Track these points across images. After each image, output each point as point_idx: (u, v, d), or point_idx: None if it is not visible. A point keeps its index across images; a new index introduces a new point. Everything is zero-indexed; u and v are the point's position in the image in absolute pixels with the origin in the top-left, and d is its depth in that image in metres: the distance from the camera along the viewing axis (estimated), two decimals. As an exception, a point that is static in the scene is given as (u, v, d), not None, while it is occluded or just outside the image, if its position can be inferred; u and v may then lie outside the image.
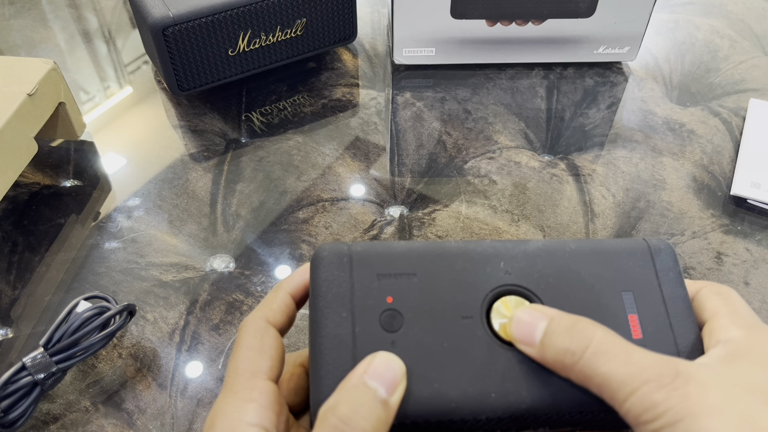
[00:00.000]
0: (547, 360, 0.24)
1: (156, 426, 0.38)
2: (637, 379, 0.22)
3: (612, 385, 0.22)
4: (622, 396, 0.22)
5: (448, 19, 0.60)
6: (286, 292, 0.28)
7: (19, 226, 0.50)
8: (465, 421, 0.24)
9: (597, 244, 0.28)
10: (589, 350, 0.23)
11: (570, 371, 0.23)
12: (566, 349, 0.23)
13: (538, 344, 0.24)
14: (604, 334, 0.23)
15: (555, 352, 0.24)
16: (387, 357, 0.24)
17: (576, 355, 0.23)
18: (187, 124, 0.59)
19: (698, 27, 0.72)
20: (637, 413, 0.22)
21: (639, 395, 0.22)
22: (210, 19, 0.54)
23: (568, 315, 0.25)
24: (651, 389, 0.21)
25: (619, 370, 0.22)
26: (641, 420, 0.22)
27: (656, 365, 0.22)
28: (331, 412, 0.22)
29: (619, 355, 0.23)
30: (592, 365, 0.23)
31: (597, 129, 0.59)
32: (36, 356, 0.37)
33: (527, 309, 0.25)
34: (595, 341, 0.23)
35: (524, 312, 0.25)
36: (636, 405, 0.22)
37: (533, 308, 0.25)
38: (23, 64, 0.50)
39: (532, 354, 0.25)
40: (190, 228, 0.50)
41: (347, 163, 0.55)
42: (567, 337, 0.24)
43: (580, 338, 0.23)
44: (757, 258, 0.48)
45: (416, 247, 0.27)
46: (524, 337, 0.25)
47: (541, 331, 0.24)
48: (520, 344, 0.25)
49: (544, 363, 0.24)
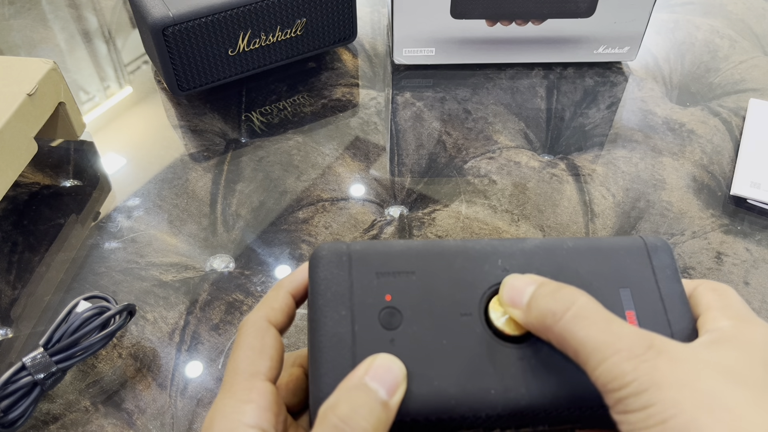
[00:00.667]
0: (531, 321, 0.24)
1: (156, 426, 0.38)
2: (611, 347, 0.22)
3: (586, 350, 0.22)
4: (594, 362, 0.22)
5: (448, 19, 0.60)
6: (287, 291, 0.28)
7: (19, 226, 0.50)
8: (464, 418, 0.25)
9: (594, 242, 0.28)
10: (570, 312, 0.23)
11: (549, 332, 0.24)
12: (548, 310, 0.24)
13: (525, 306, 0.25)
14: (587, 300, 0.24)
15: (538, 312, 0.24)
16: (388, 359, 0.24)
17: (557, 315, 0.23)
18: (187, 124, 0.59)
19: (698, 27, 0.72)
20: (606, 381, 0.22)
21: (609, 363, 0.22)
22: (210, 19, 0.54)
23: (557, 282, 0.25)
24: (621, 359, 0.22)
25: (596, 336, 0.23)
26: (608, 388, 0.22)
27: (631, 336, 0.22)
28: (331, 412, 0.22)
29: (598, 322, 0.23)
30: (570, 328, 0.23)
31: (597, 129, 0.59)
32: (36, 356, 0.37)
33: (519, 276, 0.26)
34: (577, 305, 0.23)
35: (515, 278, 0.26)
36: (605, 373, 0.22)
37: (526, 275, 0.26)
38: (23, 64, 0.50)
39: (519, 316, 0.25)
40: (190, 228, 0.50)
41: (347, 163, 0.55)
42: (551, 298, 0.24)
43: (563, 301, 0.24)
44: (757, 258, 0.48)
45: (415, 245, 0.28)
46: (513, 300, 0.25)
47: (529, 294, 0.25)
48: (508, 307, 0.25)
49: (528, 325, 0.25)
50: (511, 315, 0.26)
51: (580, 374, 0.25)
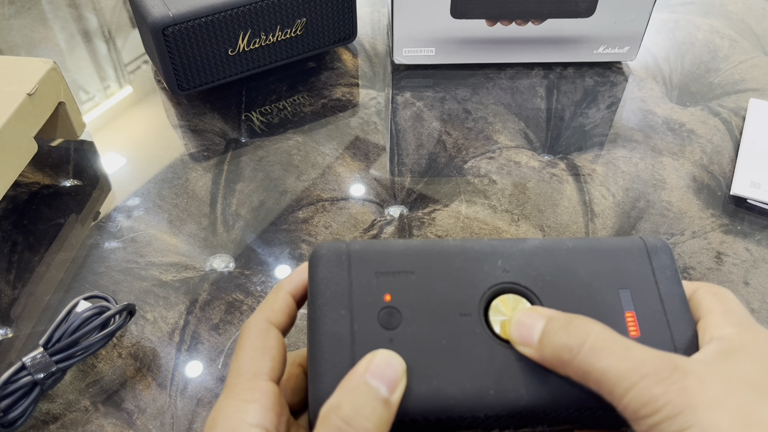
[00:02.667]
0: (546, 358, 0.24)
1: (156, 426, 0.38)
2: (636, 373, 0.22)
3: (610, 380, 0.22)
4: (620, 391, 0.22)
5: (448, 18, 0.60)
6: (287, 292, 0.28)
7: (19, 226, 0.50)
8: (463, 419, 0.25)
9: (594, 243, 0.28)
10: (587, 345, 0.23)
11: (568, 367, 0.23)
12: (564, 345, 0.23)
13: (537, 343, 0.24)
14: (601, 330, 0.23)
15: (553, 349, 0.24)
16: (387, 355, 0.24)
17: (573, 350, 0.23)
18: (187, 123, 0.59)
19: (698, 27, 0.72)
20: (636, 408, 0.21)
21: (638, 390, 0.21)
22: (210, 19, 0.54)
23: (566, 314, 0.25)
24: (650, 383, 0.21)
25: (618, 365, 0.22)
26: (640, 414, 0.21)
27: (654, 360, 0.22)
28: (333, 413, 0.22)
29: (616, 350, 0.23)
30: (589, 360, 0.23)
31: (597, 129, 0.59)
32: (36, 356, 0.37)
33: (525, 311, 0.26)
34: (593, 336, 0.23)
35: (522, 314, 0.25)
36: (635, 399, 0.21)
37: (532, 310, 0.26)
38: (23, 64, 0.50)
39: (531, 354, 0.25)
40: (190, 228, 0.50)
41: (347, 162, 0.55)
42: (564, 333, 0.24)
43: (577, 334, 0.23)
44: (757, 258, 0.48)
45: (414, 245, 0.27)
46: (523, 338, 0.25)
47: (539, 330, 0.24)
48: (519, 346, 0.25)
49: (543, 362, 0.24)
50: (524, 354, 0.25)
51: None
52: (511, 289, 0.27)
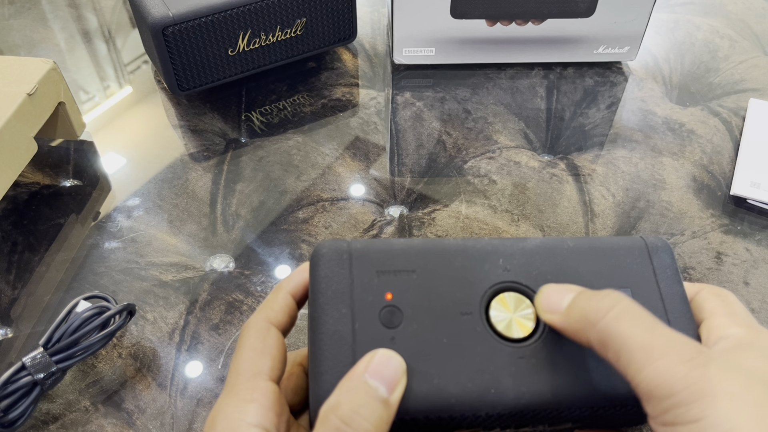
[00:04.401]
0: (571, 321, 0.24)
1: (156, 426, 0.38)
2: (658, 350, 0.21)
3: (631, 349, 0.21)
4: (639, 364, 0.21)
5: (448, 18, 0.60)
6: (287, 292, 0.28)
7: (19, 226, 0.50)
8: (464, 417, 0.24)
9: (595, 242, 0.28)
10: (615, 310, 0.22)
11: (591, 331, 0.23)
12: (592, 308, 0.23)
13: (564, 309, 0.24)
14: (632, 302, 0.23)
15: (580, 311, 0.23)
16: (387, 354, 0.24)
17: (600, 313, 0.22)
18: (187, 123, 0.59)
19: (698, 27, 0.72)
20: (651, 386, 0.20)
21: (657, 366, 0.20)
22: (210, 19, 0.54)
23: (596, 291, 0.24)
24: (671, 362, 0.20)
25: (642, 335, 0.21)
26: (654, 394, 0.20)
27: (680, 339, 0.21)
28: (332, 412, 0.22)
29: (644, 321, 0.22)
30: (614, 325, 0.22)
31: (597, 129, 0.59)
32: (36, 356, 0.37)
33: (556, 285, 0.26)
34: (622, 304, 0.23)
35: (554, 287, 0.25)
36: (651, 377, 0.20)
37: (563, 286, 0.25)
38: (23, 64, 0.50)
39: (555, 320, 0.24)
40: (190, 228, 0.50)
41: (347, 162, 0.55)
42: (595, 299, 0.23)
43: (607, 301, 0.23)
44: (757, 258, 0.48)
45: (416, 244, 0.27)
46: (551, 305, 0.25)
47: (569, 300, 0.24)
48: (545, 313, 0.25)
49: (566, 328, 0.24)
50: (546, 320, 0.25)
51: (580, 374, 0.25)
52: (512, 287, 0.27)
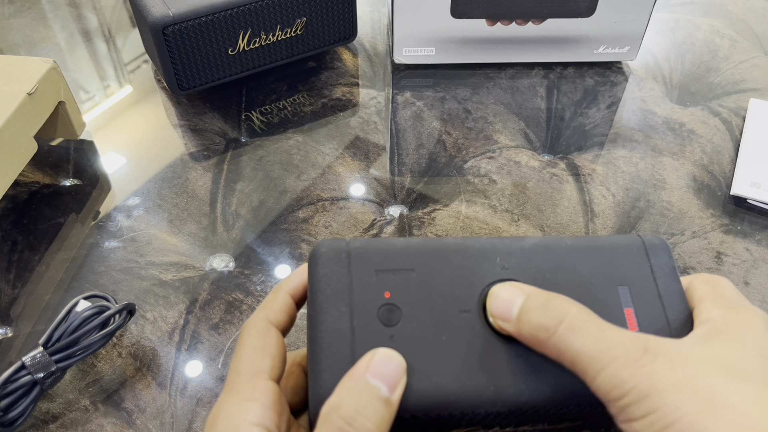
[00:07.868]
0: (523, 335, 0.24)
1: (155, 425, 0.38)
2: (606, 356, 0.22)
3: (583, 361, 0.22)
4: (592, 372, 0.22)
5: (448, 18, 0.60)
6: (286, 293, 0.28)
7: (19, 225, 0.50)
8: (464, 415, 0.25)
9: (593, 241, 0.28)
10: (563, 326, 0.23)
11: (544, 346, 0.24)
12: (540, 325, 0.23)
13: (515, 319, 0.24)
14: (578, 310, 0.24)
15: (530, 327, 0.24)
16: (387, 353, 0.24)
17: (549, 330, 0.23)
18: (187, 123, 0.59)
19: (698, 27, 0.72)
20: (606, 390, 0.22)
21: (607, 372, 0.22)
22: (210, 18, 0.54)
23: (545, 292, 0.25)
24: (618, 366, 0.22)
25: (591, 346, 0.22)
26: (609, 397, 0.22)
27: (625, 342, 0.22)
28: (334, 412, 0.22)
29: (591, 332, 0.23)
30: (564, 341, 0.23)
31: (597, 129, 0.59)
32: (35, 355, 0.37)
33: (506, 285, 0.26)
34: (569, 317, 0.23)
35: (502, 288, 0.26)
36: (605, 382, 0.22)
37: (511, 285, 0.26)
38: (23, 63, 0.50)
39: (509, 329, 0.25)
40: (190, 227, 0.50)
41: (347, 162, 0.55)
42: (542, 312, 0.24)
43: (554, 314, 0.23)
44: (757, 258, 0.48)
45: (414, 243, 0.28)
46: (501, 313, 0.25)
47: (518, 306, 0.25)
48: (497, 320, 0.25)
49: (521, 338, 0.25)
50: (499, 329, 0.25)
51: None
52: None
